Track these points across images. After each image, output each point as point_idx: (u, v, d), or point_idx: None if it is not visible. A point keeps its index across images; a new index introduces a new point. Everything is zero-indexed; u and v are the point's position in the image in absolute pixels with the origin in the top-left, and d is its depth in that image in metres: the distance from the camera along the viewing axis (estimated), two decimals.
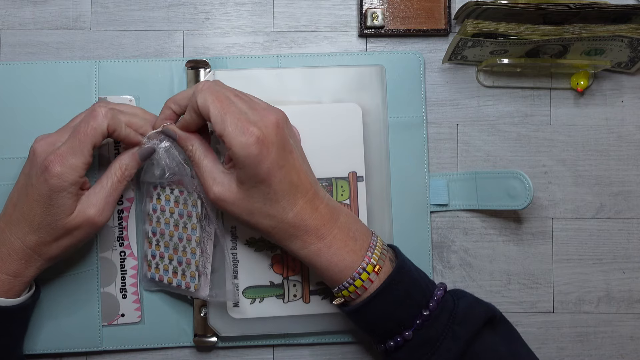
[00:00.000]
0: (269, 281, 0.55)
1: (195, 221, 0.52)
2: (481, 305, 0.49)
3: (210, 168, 0.48)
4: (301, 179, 0.47)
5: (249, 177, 0.45)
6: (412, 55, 0.59)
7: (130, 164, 0.50)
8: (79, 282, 0.56)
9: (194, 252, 0.52)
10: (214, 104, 0.46)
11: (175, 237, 0.53)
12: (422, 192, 0.59)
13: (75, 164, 0.46)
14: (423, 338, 0.47)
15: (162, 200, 0.53)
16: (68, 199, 0.47)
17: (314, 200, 0.48)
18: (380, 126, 0.57)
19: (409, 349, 0.47)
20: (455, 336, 0.46)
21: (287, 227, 0.47)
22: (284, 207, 0.46)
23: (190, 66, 0.57)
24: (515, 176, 0.55)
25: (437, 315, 0.47)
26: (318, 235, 0.47)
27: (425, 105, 0.59)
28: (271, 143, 0.45)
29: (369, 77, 0.57)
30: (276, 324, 0.56)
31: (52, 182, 0.46)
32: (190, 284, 0.53)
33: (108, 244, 0.56)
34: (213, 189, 0.47)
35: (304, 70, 0.57)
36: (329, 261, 0.47)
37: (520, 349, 0.49)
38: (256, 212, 0.47)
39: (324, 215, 0.48)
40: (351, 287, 0.47)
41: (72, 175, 0.46)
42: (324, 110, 0.55)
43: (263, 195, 0.46)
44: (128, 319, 0.57)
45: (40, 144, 0.48)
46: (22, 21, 0.59)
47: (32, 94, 0.57)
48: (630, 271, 0.60)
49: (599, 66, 0.58)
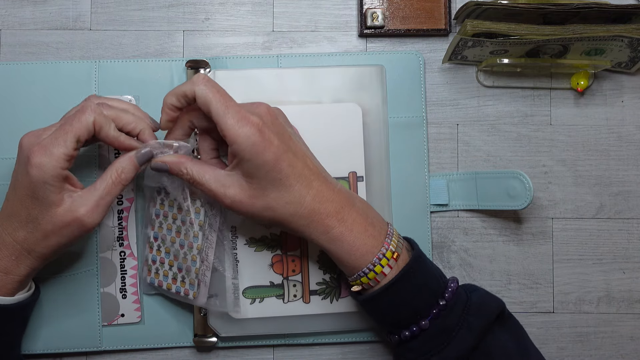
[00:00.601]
0: (269, 281, 0.55)
1: (197, 229, 0.52)
2: (493, 299, 0.50)
3: (214, 178, 0.47)
4: (309, 163, 0.48)
5: (257, 167, 0.45)
6: (412, 55, 0.59)
7: (127, 167, 0.48)
8: (79, 282, 0.56)
9: (194, 260, 0.52)
10: (215, 96, 0.46)
11: (176, 244, 0.53)
12: (422, 192, 0.59)
13: (56, 153, 0.45)
14: (439, 328, 0.47)
15: (165, 206, 0.53)
16: (51, 192, 0.46)
17: (327, 183, 0.48)
18: (380, 126, 0.57)
19: (425, 338, 0.47)
20: (470, 327, 0.46)
21: (308, 212, 0.47)
22: (301, 192, 0.46)
23: (190, 66, 0.57)
24: (515, 176, 0.55)
25: (452, 306, 0.47)
26: (339, 219, 0.47)
27: (425, 105, 0.59)
28: (271, 130, 0.46)
29: (369, 77, 0.57)
30: (276, 324, 0.56)
31: (32, 173, 0.45)
32: (189, 291, 0.53)
33: (108, 244, 0.56)
34: (227, 194, 0.47)
35: (304, 70, 0.57)
36: (350, 245, 0.47)
37: (529, 346, 0.50)
38: (274, 203, 0.46)
39: (341, 198, 0.48)
40: (371, 274, 0.47)
41: (52, 165, 0.45)
42: (324, 110, 0.55)
43: (276, 184, 0.46)
44: (128, 319, 0.57)
45: (26, 137, 0.47)
46: (22, 21, 0.59)
47: (32, 94, 0.57)
48: (630, 271, 0.60)
49: (599, 66, 0.58)
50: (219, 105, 0.45)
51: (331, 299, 0.56)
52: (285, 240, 0.55)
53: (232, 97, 0.48)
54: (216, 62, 0.58)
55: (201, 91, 0.46)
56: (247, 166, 0.46)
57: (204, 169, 0.48)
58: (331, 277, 0.56)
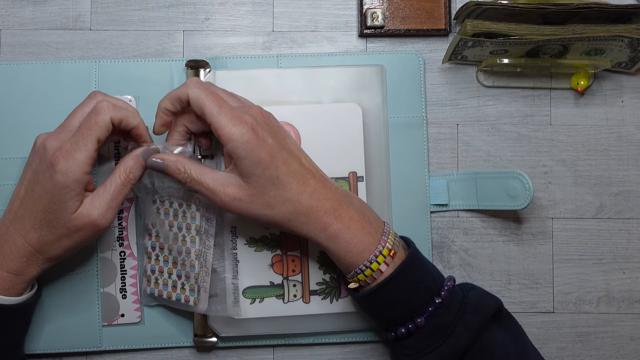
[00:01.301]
0: (269, 281, 0.55)
1: (194, 233, 0.52)
2: (490, 297, 0.50)
3: (213, 177, 0.48)
4: (304, 162, 0.49)
5: (253, 165, 0.46)
6: (412, 55, 0.59)
7: (134, 166, 0.49)
8: (79, 282, 0.56)
9: (192, 265, 0.52)
10: (208, 98, 0.47)
11: (174, 251, 0.53)
12: (422, 192, 0.59)
13: (80, 159, 0.46)
14: (435, 325, 0.47)
15: (161, 214, 0.53)
16: (71, 197, 0.46)
17: (324, 181, 0.49)
18: (381, 126, 0.57)
19: (421, 335, 0.48)
20: (466, 325, 0.47)
21: (306, 210, 0.47)
22: (298, 190, 0.47)
23: (190, 66, 0.57)
24: (515, 176, 0.55)
25: (449, 304, 0.47)
26: (336, 216, 0.48)
27: (425, 105, 0.59)
28: (264, 129, 0.47)
29: (369, 77, 0.57)
30: (276, 324, 0.56)
31: (56, 178, 0.46)
32: (189, 297, 0.53)
33: (108, 244, 0.56)
34: (226, 192, 0.47)
35: (304, 70, 0.57)
36: (347, 242, 0.47)
37: (527, 345, 0.50)
38: (273, 201, 0.47)
39: (338, 196, 0.48)
40: (367, 271, 0.47)
41: (77, 171, 0.46)
42: (324, 110, 0.55)
43: (274, 182, 0.46)
44: (128, 319, 0.57)
45: (50, 141, 0.48)
46: (22, 21, 0.59)
47: (32, 94, 0.57)
48: (630, 271, 0.60)
49: (599, 66, 0.58)
50: (212, 106, 0.46)
51: (331, 299, 0.56)
52: (285, 240, 0.55)
53: (225, 99, 0.48)
54: (216, 62, 0.58)
55: (194, 94, 0.47)
56: (243, 165, 0.46)
57: (202, 169, 0.48)
58: (331, 277, 0.56)
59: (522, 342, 0.49)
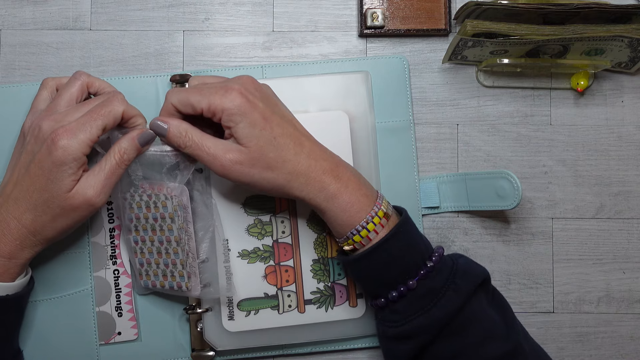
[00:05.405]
0: (263, 293, 0.55)
1: (169, 222, 0.52)
2: (478, 265, 0.51)
3: (214, 142, 0.48)
4: (297, 126, 0.50)
5: (250, 126, 0.47)
6: (396, 60, 0.59)
7: (129, 148, 0.49)
8: (74, 302, 0.56)
9: (176, 252, 0.52)
10: (189, 92, 0.49)
11: (155, 241, 0.53)
12: (413, 196, 0.59)
13: (82, 139, 0.46)
14: (427, 288, 0.48)
15: (134, 209, 0.53)
16: (68, 175, 0.47)
17: (318, 144, 0.50)
18: (368, 132, 0.57)
19: (412, 298, 0.48)
20: (457, 289, 0.47)
21: (305, 169, 0.48)
22: (295, 150, 0.48)
23: (175, 80, 0.57)
24: (503, 176, 0.55)
25: (440, 269, 0.48)
26: (334, 175, 0.48)
27: (411, 108, 0.59)
28: (255, 96, 0.48)
29: (355, 83, 0.57)
30: (272, 335, 0.56)
31: (55, 154, 0.46)
32: (181, 283, 0.53)
33: (101, 263, 0.56)
34: (227, 156, 0.48)
35: (289, 80, 0.57)
36: (346, 202, 0.48)
37: (515, 318, 0.51)
38: (273, 162, 0.48)
39: (334, 157, 0.50)
40: (363, 231, 0.48)
41: (77, 150, 0.46)
42: (311, 119, 0.54)
43: (271, 142, 0.47)
44: (125, 337, 0.56)
45: (45, 122, 0.48)
46: (22, 21, 0.59)
47: (20, 116, 0.54)
48: (630, 271, 0.60)
49: (599, 66, 0.58)
50: (197, 94, 0.48)
51: (326, 307, 0.56)
52: (278, 250, 0.55)
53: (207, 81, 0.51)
54: (200, 74, 0.57)
55: (176, 98, 0.49)
56: (240, 129, 0.47)
57: (203, 134, 0.49)
58: (325, 286, 0.56)
59: (509, 313, 0.50)
